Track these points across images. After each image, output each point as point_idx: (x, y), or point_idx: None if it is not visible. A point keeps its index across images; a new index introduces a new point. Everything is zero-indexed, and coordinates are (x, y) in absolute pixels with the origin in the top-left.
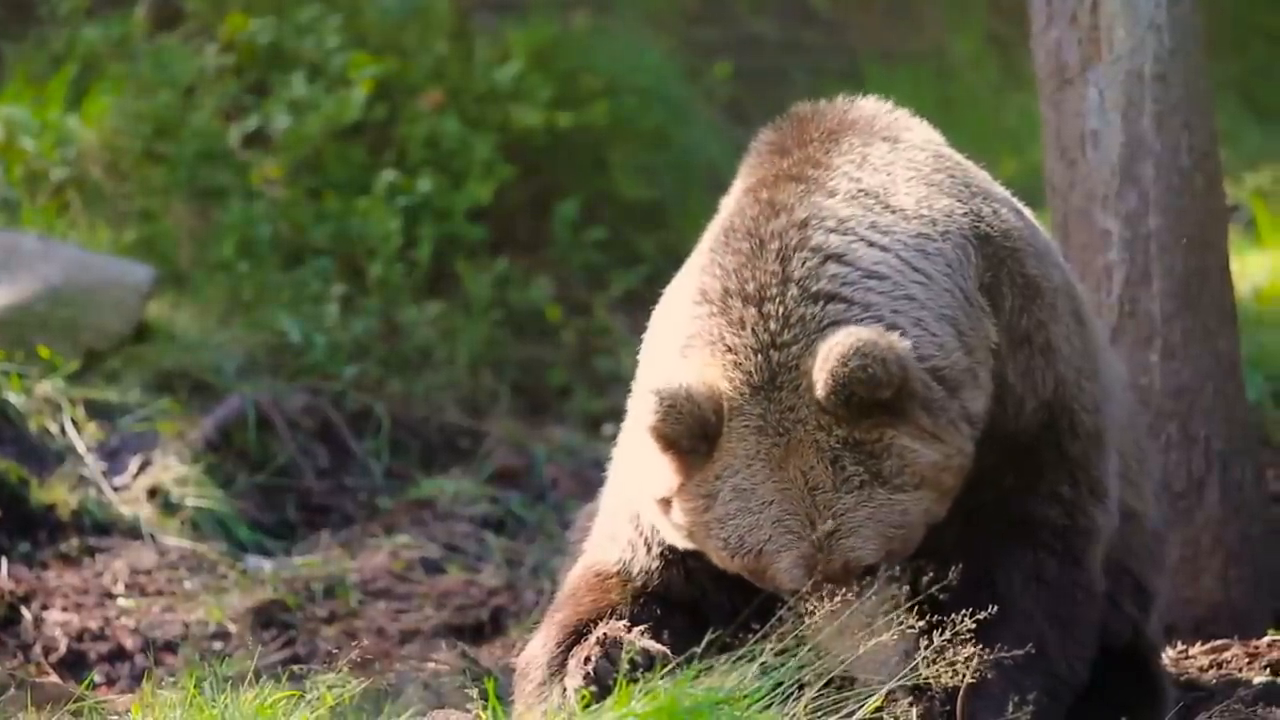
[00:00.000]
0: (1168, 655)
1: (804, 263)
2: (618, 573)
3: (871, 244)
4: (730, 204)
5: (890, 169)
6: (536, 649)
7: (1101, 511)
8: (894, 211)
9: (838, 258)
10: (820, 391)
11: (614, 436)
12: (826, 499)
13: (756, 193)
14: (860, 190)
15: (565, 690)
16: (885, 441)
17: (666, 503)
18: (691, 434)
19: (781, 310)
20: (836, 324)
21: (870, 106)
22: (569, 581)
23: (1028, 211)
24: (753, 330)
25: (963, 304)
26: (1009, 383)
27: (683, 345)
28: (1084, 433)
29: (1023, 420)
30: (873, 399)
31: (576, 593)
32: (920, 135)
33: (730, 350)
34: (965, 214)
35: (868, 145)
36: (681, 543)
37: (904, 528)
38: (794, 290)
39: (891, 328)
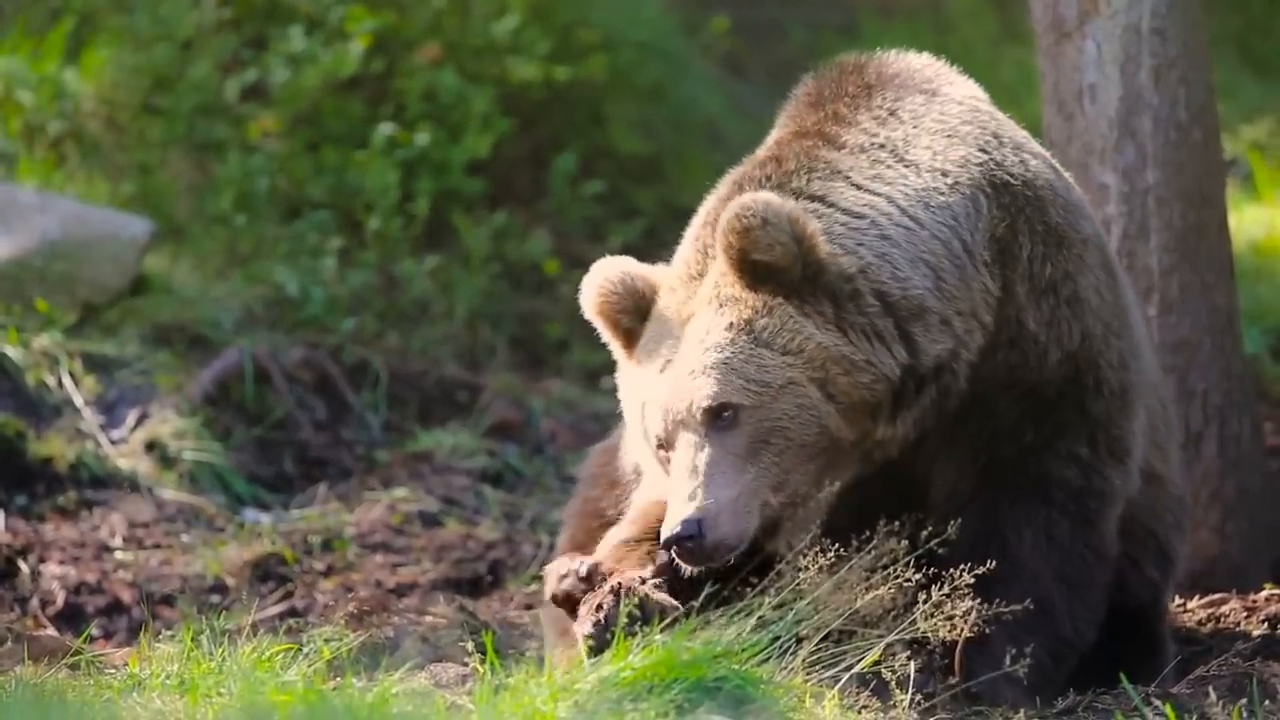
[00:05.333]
0: None
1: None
2: None
3: (860, 187)
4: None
5: (919, 121)
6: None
7: (1119, 474)
8: (907, 165)
9: (819, 199)
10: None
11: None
12: (697, 342)
13: (772, 148)
14: (875, 144)
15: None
16: (769, 304)
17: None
18: (620, 309)
19: None
20: None
21: (915, 60)
22: (638, 503)
23: (1067, 173)
24: (704, 247)
25: (954, 255)
26: (1030, 331)
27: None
28: (1108, 391)
29: (1046, 371)
30: (749, 258)
31: (648, 514)
32: (961, 90)
33: (684, 262)
34: (982, 164)
35: (900, 99)
36: (632, 424)
37: (760, 387)
38: None
39: (847, 251)
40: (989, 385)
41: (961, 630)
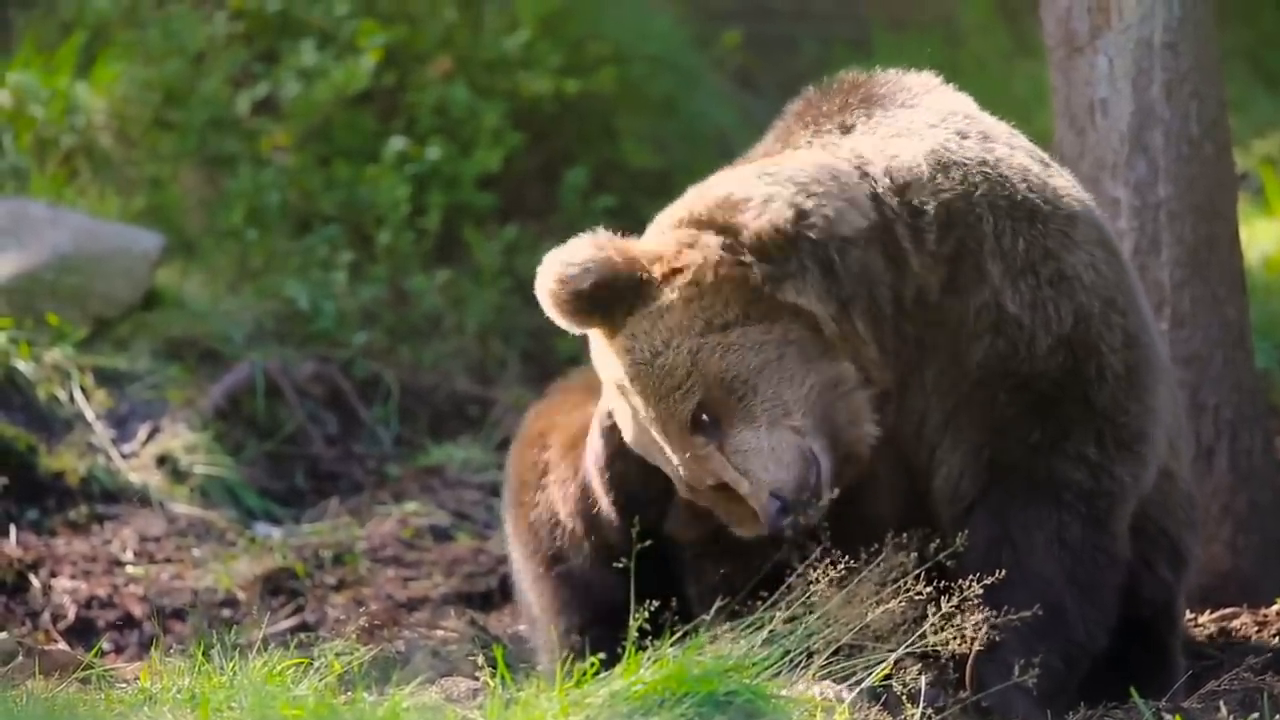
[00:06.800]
0: None
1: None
2: None
3: (734, 169)
4: None
5: (874, 130)
6: None
7: (1130, 470)
8: (826, 152)
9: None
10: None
11: None
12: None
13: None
14: (815, 162)
15: None
16: (631, 331)
17: None
18: None
19: None
20: None
21: (909, 79)
22: None
23: (1064, 170)
24: None
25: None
26: (1011, 314)
27: None
28: (1112, 375)
29: (1037, 361)
30: (584, 298)
31: None
32: (944, 102)
33: None
34: (932, 149)
35: (870, 115)
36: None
37: (689, 380)
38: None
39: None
40: (984, 373)
41: (973, 642)
